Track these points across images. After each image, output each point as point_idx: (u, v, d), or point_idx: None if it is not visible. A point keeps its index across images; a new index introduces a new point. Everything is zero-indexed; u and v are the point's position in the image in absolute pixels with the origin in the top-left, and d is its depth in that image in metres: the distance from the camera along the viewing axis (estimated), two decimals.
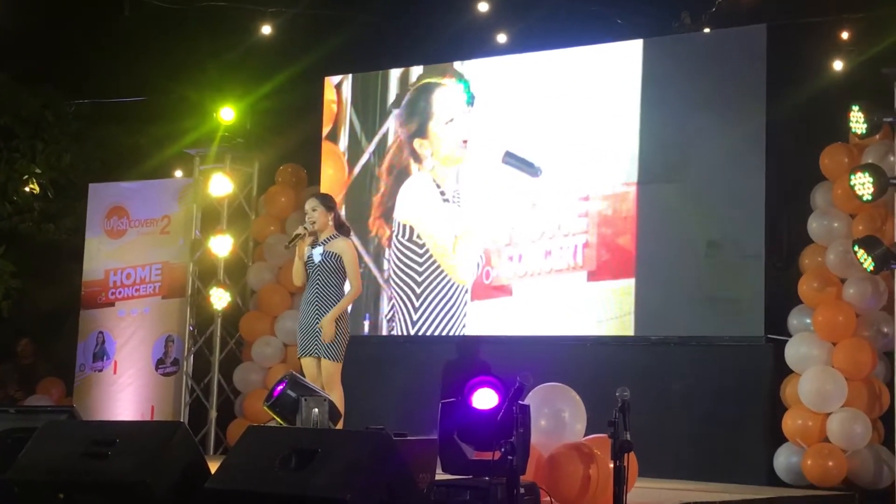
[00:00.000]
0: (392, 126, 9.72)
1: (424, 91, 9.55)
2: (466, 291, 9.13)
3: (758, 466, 8.01)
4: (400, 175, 9.60)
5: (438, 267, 9.28)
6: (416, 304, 9.34)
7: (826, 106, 8.17)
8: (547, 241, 8.86)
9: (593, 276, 8.66)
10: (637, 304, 8.47)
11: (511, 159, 8.98)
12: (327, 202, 7.37)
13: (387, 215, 9.63)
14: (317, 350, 7.12)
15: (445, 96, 9.44)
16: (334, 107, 10.00)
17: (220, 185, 10.28)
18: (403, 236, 9.50)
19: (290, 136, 10.52)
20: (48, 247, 11.88)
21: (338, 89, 10.02)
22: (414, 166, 9.53)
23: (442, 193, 9.38)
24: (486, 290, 9.09)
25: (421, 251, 9.40)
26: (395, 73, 9.78)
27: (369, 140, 9.81)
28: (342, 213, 8.34)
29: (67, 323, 11.26)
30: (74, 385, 10.64)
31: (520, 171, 8.96)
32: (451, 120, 9.39)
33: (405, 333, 9.36)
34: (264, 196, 10.51)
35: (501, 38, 9.70)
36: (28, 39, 11.45)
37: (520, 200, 8.99)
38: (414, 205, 9.50)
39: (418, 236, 9.42)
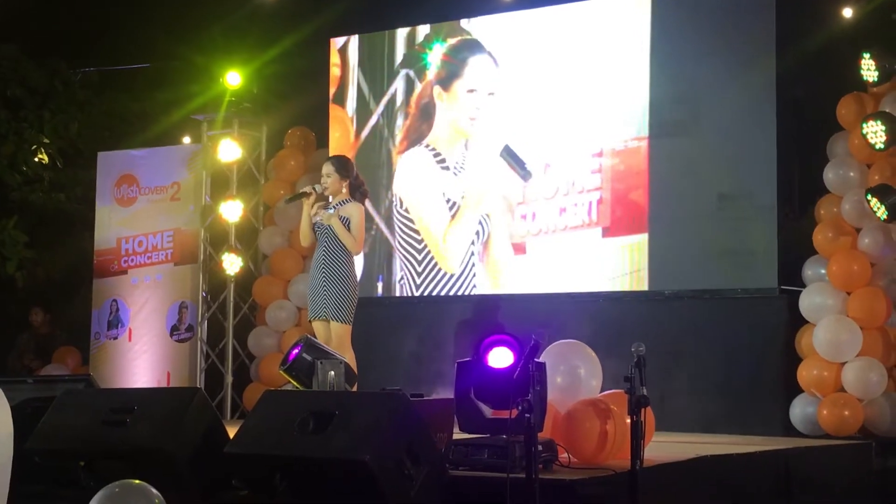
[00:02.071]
0: (401, 87, 9.65)
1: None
2: (473, 254, 9.12)
3: (774, 417, 8.02)
4: (405, 136, 9.55)
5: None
6: (420, 270, 9.34)
7: (837, 54, 8.09)
8: (561, 198, 8.83)
9: (607, 232, 8.64)
10: (651, 258, 8.46)
11: (507, 156, 8.94)
12: (343, 168, 7.32)
13: (391, 176, 9.62)
14: (325, 312, 7.13)
15: (479, 64, 9.31)
16: (338, 70, 9.95)
17: (229, 150, 10.26)
18: (401, 208, 9.51)
19: (298, 99, 10.49)
20: (59, 216, 11.91)
21: (342, 52, 9.95)
22: (419, 128, 9.47)
23: (442, 161, 9.33)
24: (501, 248, 9.05)
25: (416, 228, 9.41)
26: (401, 33, 9.71)
27: (377, 101, 9.77)
28: None
29: (81, 292, 11.30)
30: (90, 353, 10.69)
31: (512, 167, 8.93)
32: (474, 90, 9.32)
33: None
34: (273, 160, 10.49)
35: None
36: (33, 10, 11.41)
37: (533, 160, 8.94)
38: (406, 181, 9.50)
39: (408, 213, 9.42)
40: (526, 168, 8.91)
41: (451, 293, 9.18)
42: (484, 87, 9.29)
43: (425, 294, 9.30)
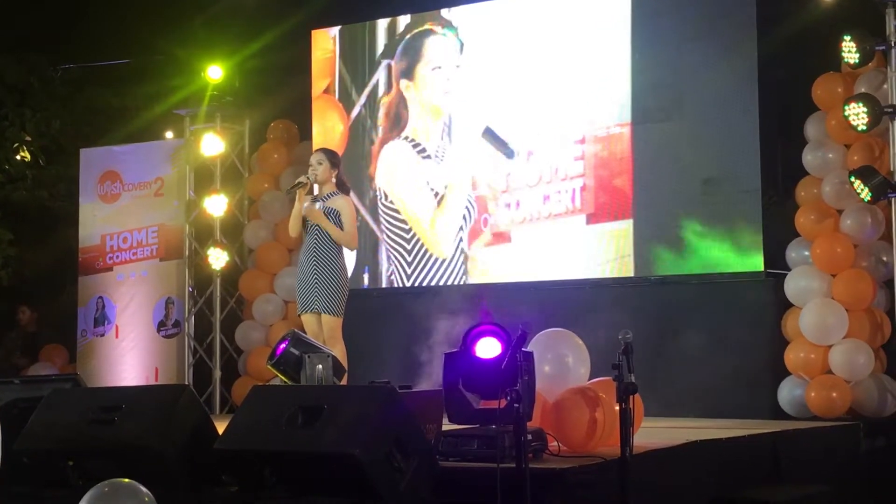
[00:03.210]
0: (382, 77, 9.65)
1: (419, 37, 9.47)
2: (462, 240, 9.12)
3: (762, 401, 8.04)
4: (386, 127, 9.55)
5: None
6: (409, 260, 9.34)
7: (817, 37, 8.10)
8: (544, 185, 8.83)
9: (592, 218, 8.65)
10: (636, 244, 8.46)
11: (489, 136, 8.94)
12: (333, 158, 7.34)
13: (374, 162, 9.61)
14: (316, 305, 7.11)
15: (437, 43, 9.37)
16: (323, 60, 9.91)
17: (212, 144, 10.23)
18: (385, 200, 9.50)
19: (280, 92, 10.46)
20: (43, 214, 11.87)
21: (328, 40, 9.90)
22: (402, 115, 9.47)
23: (422, 150, 9.33)
24: (485, 237, 9.08)
25: (402, 218, 9.41)
26: (382, 24, 9.69)
27: (360, 92, 9.75)
28: None
29: (66, 289, 11.27)
30: (77, 351, 10.66)
31: (496, 148, 8.93)
32: (439, 67, 9.33)
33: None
34: (257, 154, 10.46)
35: None
36: (9, 5, 11.33)
37: (515, 148, 8.94)
38: (389, 172, 9.50)
39: (393, 204, 9.41)
40: (509, 147, 8.90)
41: (444, 281, 9.18)
42: (448, 62, 9.29)
43: (417, 284, 9.30)
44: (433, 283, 9.24)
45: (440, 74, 9.32)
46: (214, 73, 10.20)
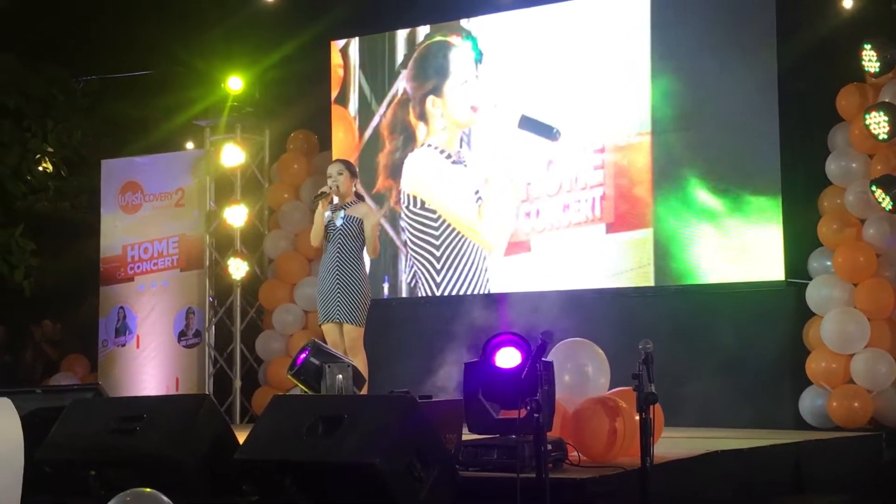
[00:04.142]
0: (402, 87, 9.67)
1: (438, 49, 9.49)
2: (492, 252, 9.13)
3: (784, 411, 8.01)
4: (406, 136, 9.56)
5: (456, 232, 9.27)
6: (438, 267, 9.34)
7: (838, 45, 8.08)
8: (564, 195, 8.82)
9: (612, 228, 8.64)
10: (655, 254, 8.44)
11: (528, 124, 8.92)
12: (352, 168, 7.39)
13: (394, 175, 9.61)
14: (338, 315, 7.11)
15: (459, 56, 9.39)
16: (341, 70, 9.97)
17: (232, 155, 10.28)
18: (415, 206, 9.49)
19: (300, 102, 10.49)
20: (65, 225, 11.92)
21: (343, 53, 9.97)
22: (421, 127, 9.49)
23: (448, 157, 9.35)
24: (506, 246, 9.06)
25: (435, 219, 9.38)
26: (401, 34, 9.72)
27: (379, 102, 9.77)
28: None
29: (88, 300, 11.32)
30: (98, 361, 10.71)
31: (537, 135, 8.90)
32: (466, 82, 9.34)
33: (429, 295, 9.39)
34: (277, 164, 10.50)
35: None
36: (31, 18, 11.42)
37: (535, 157, 8.94)
38: (420, 177, 9.49)
39: (429, 207, 9.41)
40: (552, 129, 8.85)
41: (470, 288, 9.16)
42: (472, 76, 9.30)
43: (445, 291, 9.28)
44: (460, 290, 9.21)
45: (466, 91, 9.32)
46: (234, 84, 10.25)
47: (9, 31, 11.38)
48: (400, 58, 9.71)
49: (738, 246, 8.19)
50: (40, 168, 11.86)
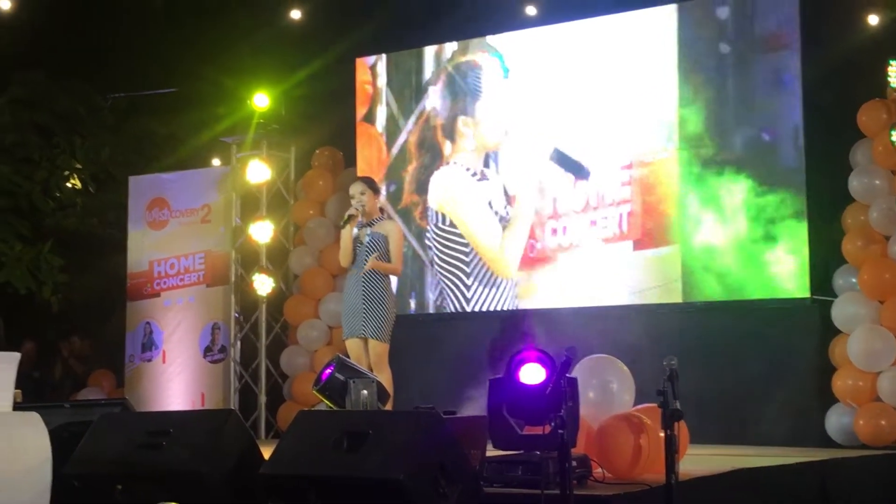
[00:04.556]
0: (429, 104, 9.70)
1: (467, 68, 9.52)
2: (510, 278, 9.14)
3: (810, 428, 7.97)
4: (434, 153, 9.60)
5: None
6: (468, 283, 9.34)
7: (863, 62, 8.07)
8: (591, 211, 8.83)
9: (639, 244, 8.63)
10: (683, 270, 8.43)
11: (560, 158, 8.94)
12: (374, 186, 7.42)
13: (421, 191, 9.64)
14: (363, 331, 7.14)
15: (487, 74, 9.41)
16: (369, 87, 10.01)
17: (258, 171, 10.34)
18: (442, 223, 9.51)
19: (325, 119, 10.56)
20: (92, 241, 12.02)
21: (372, 70, 10.01)
22: (448, 144, 9.52)
23: (474, 174, 9.37)
24: (531, 262, 9.08)
25: (461, 236, 9.40)
26: (429, 51, 9.75)
27: (406, 119, 9.80)
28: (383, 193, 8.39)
29: (114, 315, 11.39)
30: (125, 376, 10.77)
31: (567, 170, 8.92)
32: (495, 102, 9.34)
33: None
34: (302, 180, 10.55)
35: (532, 10, 9.64)
36: (60, 36, 11.54)
37: (562, 173, 8.94)
38: (446, 195, 9.51)
39: (455, 224, 9.43)
40: (583, 168, 8.88)
41: (499, 305, 9.16)
42: (502, 96, 9.32)
43: (474, 307, 9.29)
44: (486, 306, 9.22)
45: (497, 112, 9.34)
46: (261, 100, 10.32)
47: (38, 49, 11.51)
48: (428, 75, 9.74)
49: (764, 262, 8.17)
50: (68, 184, 11.97)
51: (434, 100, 9.68)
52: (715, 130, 8.44)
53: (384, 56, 9.97)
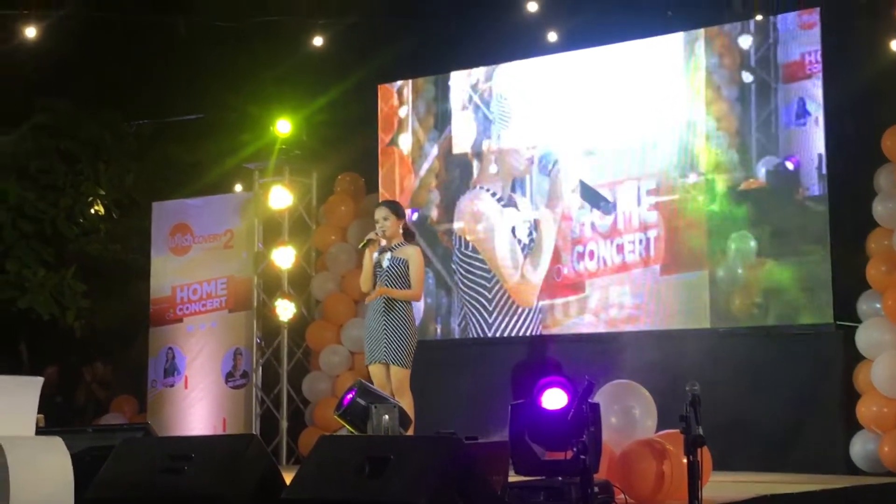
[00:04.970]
0: (455, 129, 9.69)
1: (493, 94, 9.53)
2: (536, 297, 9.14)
3: (834, 455, 7.91)
4: (461, 177, 9.61)
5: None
6: (490, 309, 9.34)
7: (883, 87, 8.06)
8: (618, 236, 8.82)
9: (665, 269, 8.61)
10: (711, 296, 8.40)
11: (585, 192, 8.96)
12: (397, 210, 7.36)
13: (447, 216, 9.64)
14: (385, 356, 7.13)
15: (513, 100, 9.42)
16: (393, 113, 9.99)
17: (280, 197, 10.38)
18: (466, 248, 9.51)
19: (347, 145, 10.61)
20: (115, 267, 12.09)
21: (398, 94, 10.00)
22: (475, 168, 9.53)
23: (500, 200, 9.38)
24: (558, 287, 9.06)
25: (485, 261, 9.40)
26: (455, 76, 9.73)
27: (432, 144, 9.80)
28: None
29: (137, 340, 11.44)
30: (147, 401, 10.80)
31: (590, 203, 8.94)
32: (521, 129, 9.35)
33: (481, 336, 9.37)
34: (324, 206, 10.58)
35: (553, 36, 9.67)
36: (87, 64, 11.67)
37: (612, 200, 8.95)
38: (471, 220, 9.51)
39: (478, 252, 9.43)
40: (608, 203, 8.89)
41: (523, 331, 9.15)
42: (531, 124, 9.33)
43: (498, 333, 9.28)
44: (513, 332, 9.21)
45: (523, 138, 9.35)
46: (283, 127, 10.38)
47: (64, 76, 11.64)
48: (453, 100, 9.73)
49: (788, 288, 8.15)
50: (92, 211, 12.05)
51: (459, 125, 9.69)
52: (740, 158, 8.42)
53: (409, 81, 9.97)
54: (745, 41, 8.54)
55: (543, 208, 9.19)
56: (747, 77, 8.49)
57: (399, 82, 10.03)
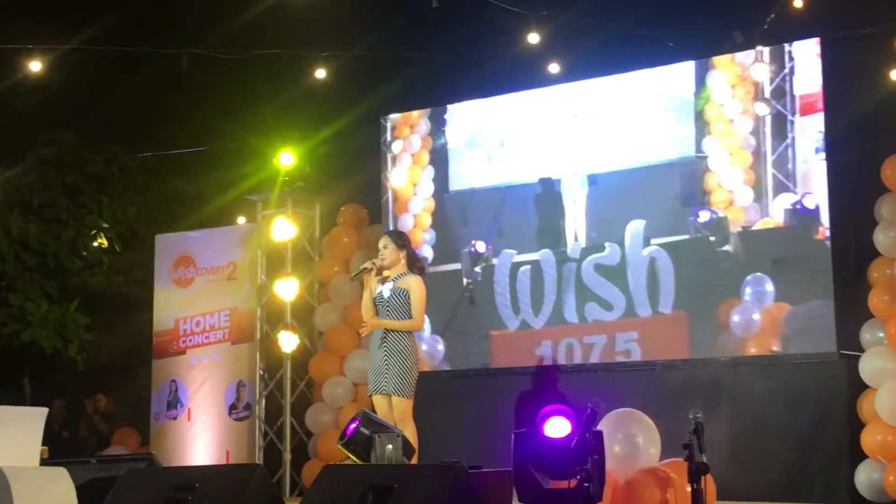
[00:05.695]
0: (451, 165, 9.68)
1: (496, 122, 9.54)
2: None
3: (839, 485, 7.89)
4: (459, 214, 9.60)
5: None
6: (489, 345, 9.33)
7: (886, 117, 8.09)
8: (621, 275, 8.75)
9: (677, 311, 8.51)
10: (720, 336, 8.36)
11: (590, 233, 8.95)
12: (399, 240, 7.34)
13: (442, 254, 9.62)
14: (387, 387, 7.12)
15: (515, 127, 9.43)
16: (396, 144, 10.00)
17: (283, 229, 10.41)
18: (466, 292, 9.51)
19: (350, 177, 10.64)
20: (118, 299, 12.11)
21: (399, 126, 9.99)
22: (472, 207, 9.53)
23: (498, 240, 9.39)
24: (559, 332, 8.96)
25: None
26: (451, 110, 9.75)
27: (437, 174, 9.75)
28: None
29: (140, 373, 11.44)
30: (150, 434, 10.78)
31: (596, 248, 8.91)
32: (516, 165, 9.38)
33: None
34: (327, 237, 10.60)
35: (555, 67, 9.72)
36: (90, 99, 11.73)
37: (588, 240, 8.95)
38: (469, 265, 9.49)
39: (474, 301, 9.43)
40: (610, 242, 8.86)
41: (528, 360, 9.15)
42: (532, 161, 9.33)
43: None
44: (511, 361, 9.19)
45: (526, 175, 9.33)
46: (286, 159, 10.41)
47: (67, 110, 11.70)
48: (453, 131, 9.73)
49: (790, 318, 8.13)
50: (95, 243, 12.09)
51: (456, 161, 9.65)
52: (739, 187, 8.39)
53: (413, 113, 9.95)
54: (760, 71, 8.43)
55: (546, 249, 9.15)
56: (762, 109, 8.42)
57: (393, 116, 9.97)
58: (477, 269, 9.44)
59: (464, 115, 9.72)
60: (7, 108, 11.50)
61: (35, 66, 10.27)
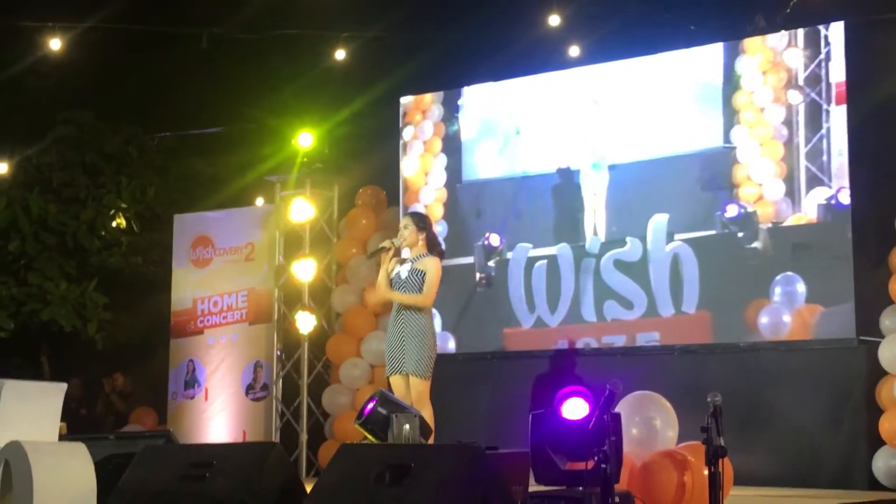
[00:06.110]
0: (464, 153, 9.59)
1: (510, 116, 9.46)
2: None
3: (857, 471, 7.85)
4: (472, 204, 9.54)
5: None
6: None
7: None
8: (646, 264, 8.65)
9: (700, 311, 8.39)
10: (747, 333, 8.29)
11: (610, 229, 8.85)
12: (420, 222, 7.32)
13: (456, 246, 9.53)
14: (405, 368, 7.13)
15: (534, 111, 9.35)
16: (416, 125, 9.93)
17: (302, 210, 10.41)
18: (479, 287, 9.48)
19: (369, 158, 10.63)
20: (137, 279, 12.15)
21: (419, 107, 9.93)
22: (487, 198, 9.46)
23: (513, 236, 9.32)
24: (575, 330, 8.87)
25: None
26: (470, 91, 9.68)
27: (457, 154, 9.67)
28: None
29: (158, 352, 11.48)
30: (168, 413, 10.82)
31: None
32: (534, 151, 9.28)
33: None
34: (345, 219, 10.60)
35: (575, 50, 9.66)
36: (110, 78, 11.75)
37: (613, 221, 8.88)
38: (483, 259, 9.40)
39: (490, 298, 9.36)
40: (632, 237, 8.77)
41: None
42: (551, 148, 9.24)
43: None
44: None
45: (544, 164, 9.22)
46: (305, 140, 10.41)
47: (87, 90, 11.72)
48: (472, 113, 9.66)
49: (810, 303, 8.08)
50: (114, 223, 12.12)
51: (470, 148, 9.54)
52: (786, 186, 8.16)
53: (432, 95, 9.87)
54: (794, 56, 8.13)
55: (563, 244, 8.99)
56: (795, 97, 8.15)
57: (405, 101, 9.84)
58: (490, 263, 9.35)
59: (478, 101, 9.58)
60: (27, 86, 11.53)
61: (55, 44, 10.29)
